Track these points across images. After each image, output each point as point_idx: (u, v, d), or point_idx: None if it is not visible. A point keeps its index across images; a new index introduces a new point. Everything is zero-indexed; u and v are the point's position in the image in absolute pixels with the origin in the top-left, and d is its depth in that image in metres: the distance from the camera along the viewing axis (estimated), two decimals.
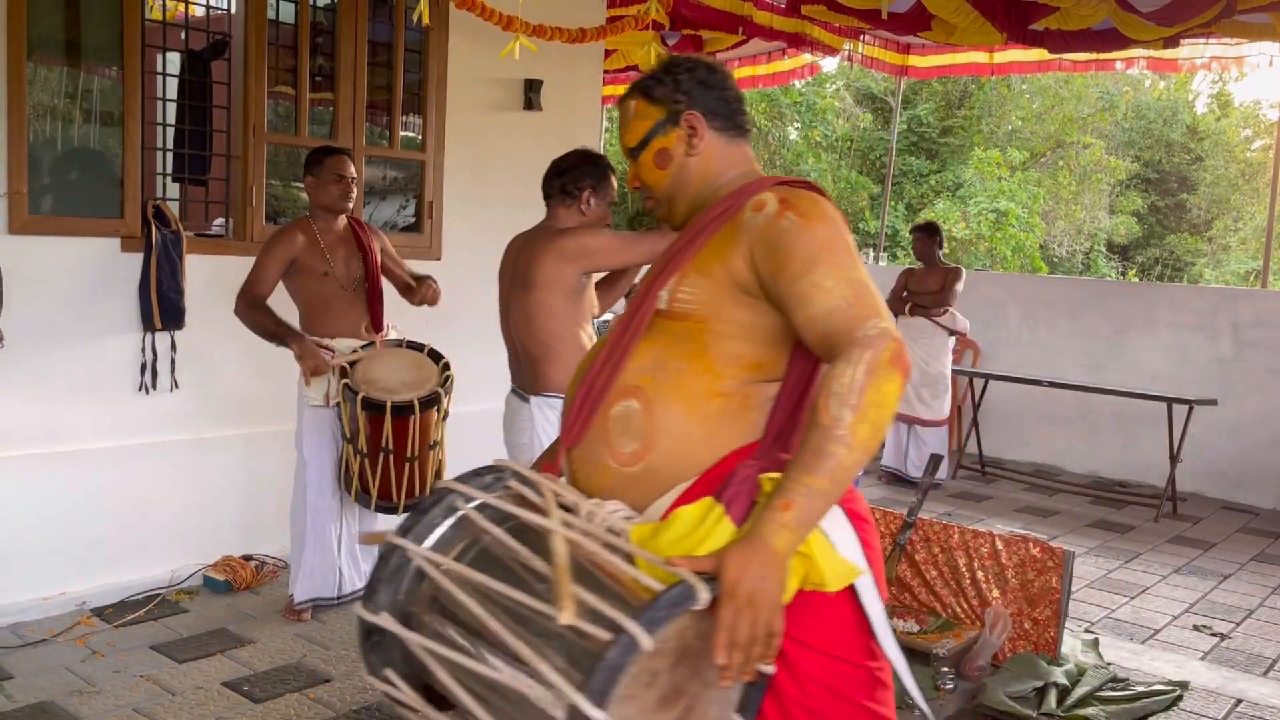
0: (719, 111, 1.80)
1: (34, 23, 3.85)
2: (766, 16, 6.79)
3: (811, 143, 17.88)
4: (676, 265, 1.69)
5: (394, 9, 5.06)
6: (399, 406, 3.84)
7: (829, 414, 1.43)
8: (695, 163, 1.79)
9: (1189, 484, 7.29)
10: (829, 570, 1.51)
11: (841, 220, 1.63)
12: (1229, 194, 20.28)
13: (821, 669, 1.58)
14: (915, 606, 4.19)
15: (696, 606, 1.34)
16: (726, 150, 1.80)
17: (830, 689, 1.59)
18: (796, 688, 1.58)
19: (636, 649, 1.25)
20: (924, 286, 7.03)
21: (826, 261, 1.54)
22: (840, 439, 1.42)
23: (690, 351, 1.64)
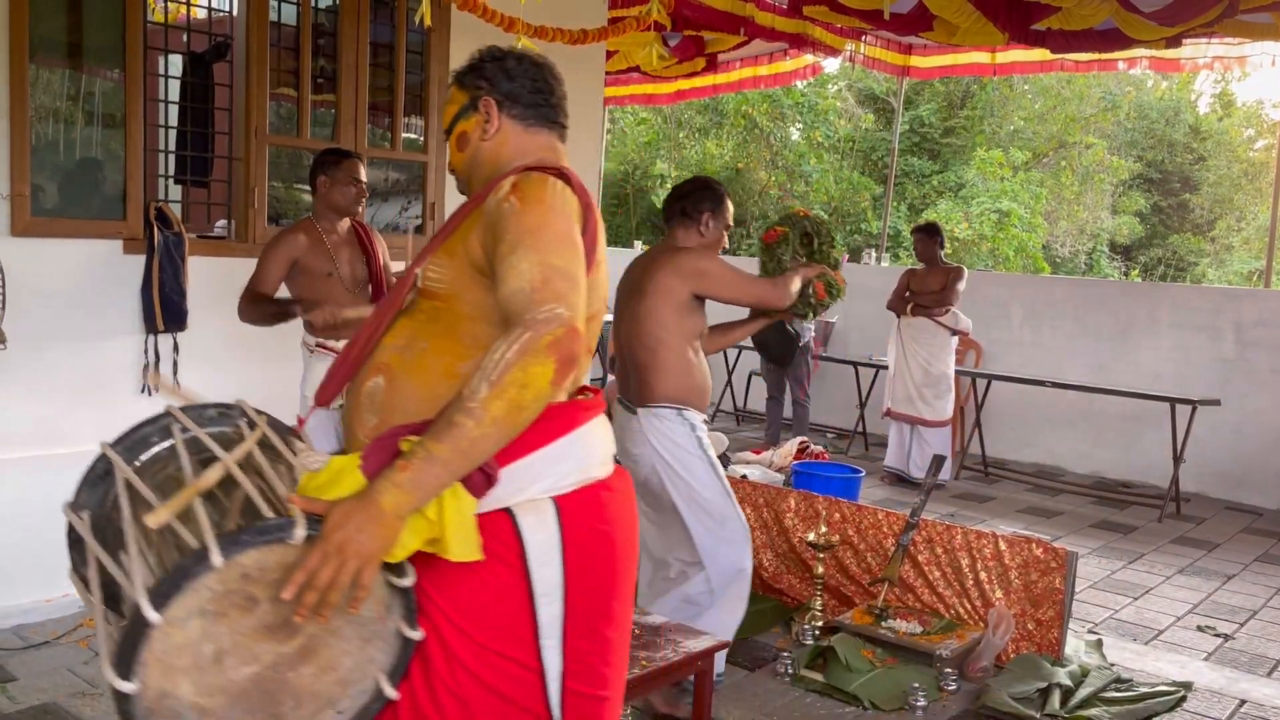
0: (519, 100, 1.84)
1: (36, 25, 3.85)
2: (768, 17, 6.79)
3: (813, 143, 17.88)
4: (434, 245, 1.74)
5: (395, 10, 5.06)
6: None
7: (469, 386, 1.44)
8: (488, 147, 1.84)
9: (1192, 484, 7.28)
10: (453, 540, 1.49)
11: (565, 206, 1.64)
12: (1232, 194, 20.26)
13: (473, 656, 1.57)
14: (918, 607, 4.18)
15: (290, 541, 1.38)
16: (522, 138, 1.84)
17: (478, 678, 1.58)
18: (446, 667, 1.57)
19: (205, 563, 1.32)
20: (926, 286, 7.03)
21: (528, 244, 1.56)
22: (470, 411, 1.42)
23: (437, 331, 1.67)
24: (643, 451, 3.30)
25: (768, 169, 18.11)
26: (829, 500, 4.37)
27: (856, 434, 8.49)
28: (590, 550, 1.66)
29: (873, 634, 3.92)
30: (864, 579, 4.28)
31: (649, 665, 2.65)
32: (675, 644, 2.79)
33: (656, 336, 3.26)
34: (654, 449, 3.27)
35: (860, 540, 4.29)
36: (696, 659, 2.79)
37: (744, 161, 18.01)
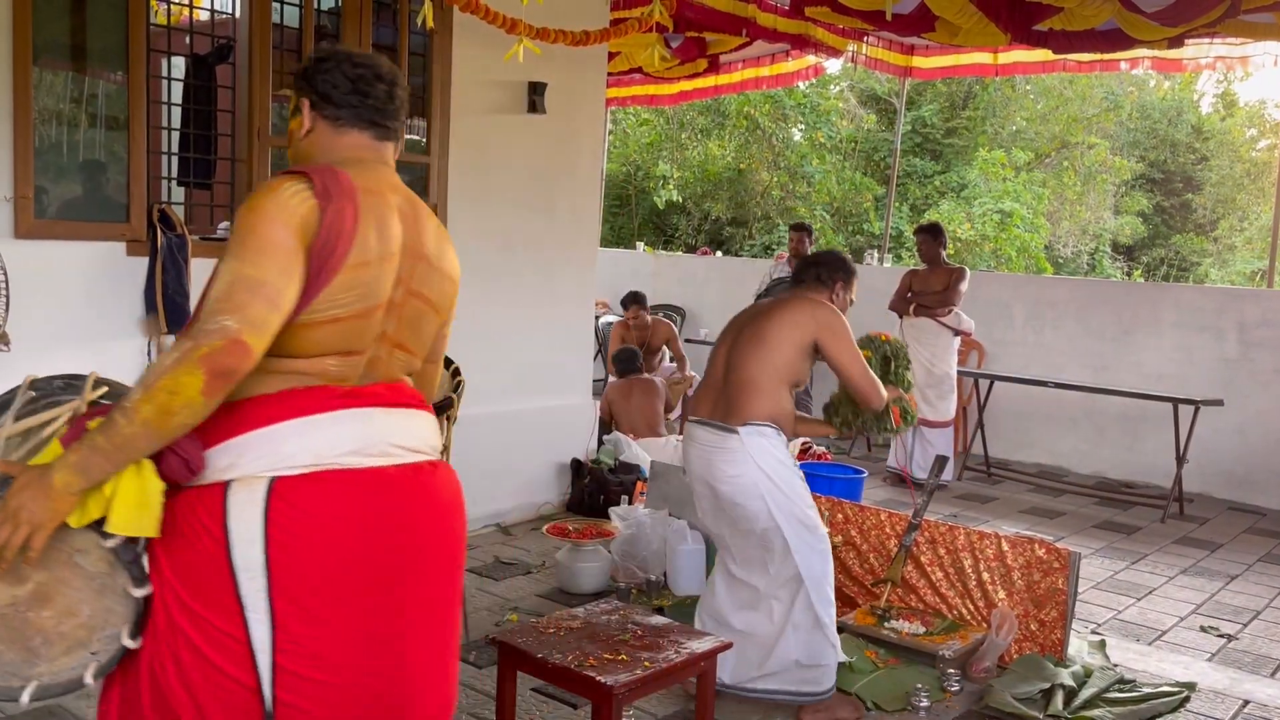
0: (332, 100, 1.89)
1: (39, 28, 3.86)
2: (770, 18, 6.80)
3: (815, 144, 17.88)
4: None
5: (398, 13, 5.07)
6: None
7: (133, 387, 1.61)
8: (303, 145, 1.93)
9: (1195, 485, 7.27)
10: (117, 514, 1.62)
11: (283, 211, 1.69)
12: (1234, 194, 20.25)
13: (188, 620, 1.68)
14: (921, 608, 4.18)
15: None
16: (331, 138, 1.90)
17: (191, 641, 1.68)
18: (167, 627, 1.69)
19: None
20: (928, 287, 7.03)
21: (230, 251, 1.67)
22: (124, 409, 1.57)
23: None
24: (743, 471, 3.32)
25: (770, 170, 18.11)
26: (832, 501, 4.37)
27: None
28: (304, 533, 1.69)
29: (875, 635, 3.92)
30: (867, 580, 4.28)
31: (651, 666, 2.66)
32: (678, 645, 2.79)
33: (774, 364, 3.38)
34: (759, 467, 3.32)
35: (863, 541, 4.29)
36: (699, 660, 2.79)
37: (746, 162, 18.01)
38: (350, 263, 1.73)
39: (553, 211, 5.86)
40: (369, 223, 1.77)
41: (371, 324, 1.80)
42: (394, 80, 1.94)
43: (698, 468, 3.47)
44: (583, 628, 2.87)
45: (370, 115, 1.91)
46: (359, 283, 1.75)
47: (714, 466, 3.39)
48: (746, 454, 3.33)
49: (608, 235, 18.36)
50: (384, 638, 1.79)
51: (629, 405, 6.63)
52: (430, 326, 1.95)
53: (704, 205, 18.68)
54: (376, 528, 1.77)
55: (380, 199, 1.82)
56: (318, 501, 1.71)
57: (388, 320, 1.83)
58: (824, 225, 17.61)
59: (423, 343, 1.95)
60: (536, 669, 2.73)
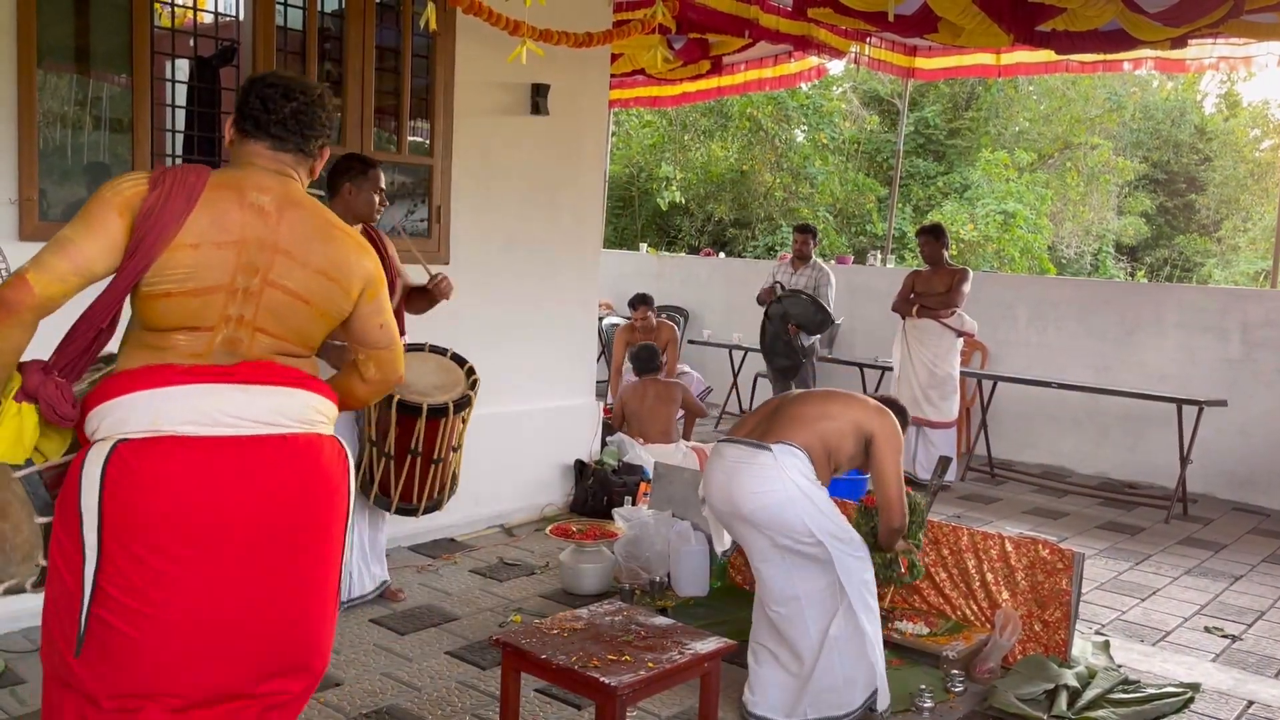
0: (243, 114, 2.20)
1: (44, 30, 3.87)
2: (773, 19, 6.80)
3: (818, 145, 17.88)
4: None
5: (401, 15, 5.08)
6: (435, 409, 3.87)
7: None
8: (230, 154, 2.25)
9: (1199, 485, 7.27)
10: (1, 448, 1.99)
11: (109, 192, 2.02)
12: (1238, 194, 20.24)
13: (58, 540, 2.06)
14: (924, 609, 4.18)
15: None
16: (239, 147, 2.21)
17: (55, 556, 2.07)
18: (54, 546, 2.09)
19: None
20: (931, 288, 7.03)
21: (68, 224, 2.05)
22: None
23: None
24: (774, 487, 3.30)
25: (773, 171, 18.11)
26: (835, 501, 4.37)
27: None
28: (132, 487, 2.00)
29: None
30: None
31: (655, 667, 2.66)
32: (681, 646, 2.80)
33: (827, 429, 3.40)
34: (792, 482, 3.30)
35: None
36: (702, 661, 2.80)
37: (749, 164, 18.01)
38: (177, 242, 2.01)
39: (556, 213, 5.87)
40: (204, 212, 2.04)
41: (211, 303, 2.06)
42: (304, 99, 2.19)
43: (719, 487, 3.41)
44: (586, 629, 2.87)
45: (270, 129, 2.18)
46: (187, 262, 2.02)
47: (736, 482, 3.35)
48: (779, 469, 3.30)
49: (611, 237, 18.36)
50: (203, 585, 2.05)
51: (641, 407, 6.46)
52: (301, 317, 2.15)
53: (707, 206, 18.68)
54: (198, 487, 2.03)
55: (233, 195, 2.09)
56: (148, 462, 2.01)
57: (239, 304, 2.08)
58: (827, 226, 17.60)
59: (295, 330, 2.16)
60: (540, 670, 2.74)
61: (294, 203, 2.16)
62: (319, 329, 2.21)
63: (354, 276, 2.20)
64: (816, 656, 3.34)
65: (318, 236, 2.17)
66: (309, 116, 2.20)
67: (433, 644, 3.95)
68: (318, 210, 2.21)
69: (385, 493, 4.03)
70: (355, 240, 2.24)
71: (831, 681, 3.34)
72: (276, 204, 2.13)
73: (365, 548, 4.22)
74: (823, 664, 3.33)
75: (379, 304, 2.26)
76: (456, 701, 3.47)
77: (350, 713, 3.34)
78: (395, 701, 3.44)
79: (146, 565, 2.01)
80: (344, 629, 4.02)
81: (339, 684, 3.53)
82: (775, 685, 3.39)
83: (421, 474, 3.99)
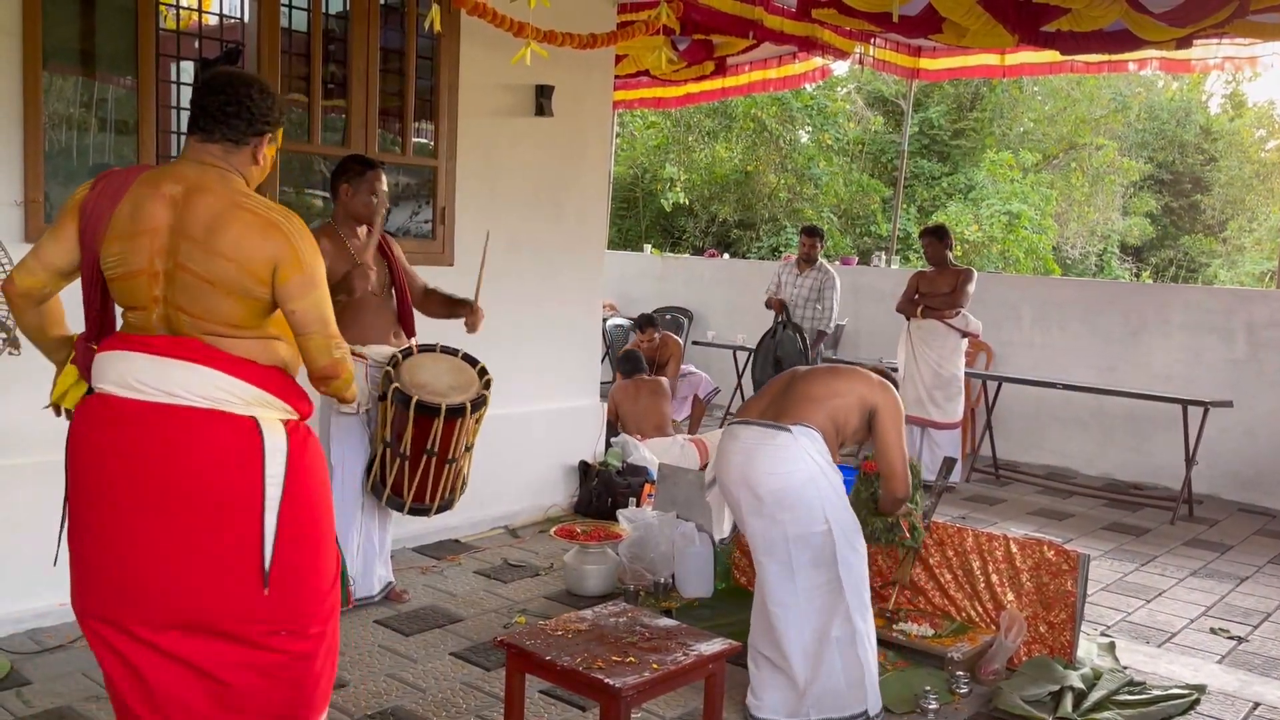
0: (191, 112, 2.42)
1: (49, 32, 3.88)
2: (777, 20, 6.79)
3: (823, 146, 17.87)
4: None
5: (405, 16, 5.08)
6: (452, 409, 3.88)
7: None
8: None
9: (1204, 486, 7.25)
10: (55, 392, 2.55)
11: (67, 202, 2.40)
12: (1243, 194, 20.19)
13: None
14: (929, 610, 4.18)
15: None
16: (186, 141, 2.45)
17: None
18: None
19: None
20: (935, 289, 7.02)
21: None
22: None
23: None
24: (794, 468, 3.30)
25: (777, 172, 18.10)
26: None
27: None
28: (72, 435, 2.39)
29: (884, 637, 3.91)
30: (875, 582, 4.27)
31: (659, 669, 2.66)
32: (686, 647, 2.80)
33: (835, 405, 3.42)
34: (813, 460, 3.31)
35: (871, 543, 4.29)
36: (707, 662, 2.80)
37: (753, 164, 18.00)
38: (110, 235, 2.31)
39: (560, 214, 5.87)
40: (126, 208, 2.31)
41: (139, 285, 2.32)
42: (230, 92, 2.35)
43: (735, 468, 3.39)
44: (591, 630, 2.87)
45: (200, 122, 2.38)
46: (117, 251, 2.32)
47: (755, 463, 3.33)
48: (799, 450, 3.30)
49: (615, 237, 18.35)
50: (106, 531, 2.33)
51: (635, 407, 6.62)
52: (211, 298, 2.30)
53: (711, 207, 18.68)
54: (99, 438, 2.33)
55: (151, 190, 2.31)
56: (80, 414, 2.39)
57: (161, 286, 2.31)
58: (831, 227, 17.59)
59: (210, 310, 2.31)
60: (545, 671, 2.74)
61: (203, 190, 2.30)
62: (235, 309, 2.32)
63: (255, 258, 2.28)
64: (813, 657, 3.33)
65: (220, 220, 2.28)
66: (235, 107, 2.34)
67: (437, 645, 3.95)
68: (226, 195, 2.31)
69: (398, 494, 4.03)
70: (264, 221, 2.30)
71: (834, 684, 3.33)
72: (185, 193, 2.30)
73: (372, 549, 4.23)
74: (825, 666, 3.33)
75: (290, 289, 2.31)
76: (461, 703, 3.47)
77: (355, 714, 3.34)
78: (400, 703, 3.44)
79: (73, 504, 2.38)
80: (349, 630, 4.02)
81: (344, 685, 3.53)
82: (775, 688, 3.39)
83: (436, 474, 4.00)
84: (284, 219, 2.34)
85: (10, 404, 3.86)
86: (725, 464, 3.45)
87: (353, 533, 4.08)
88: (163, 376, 2.29)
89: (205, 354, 2.30)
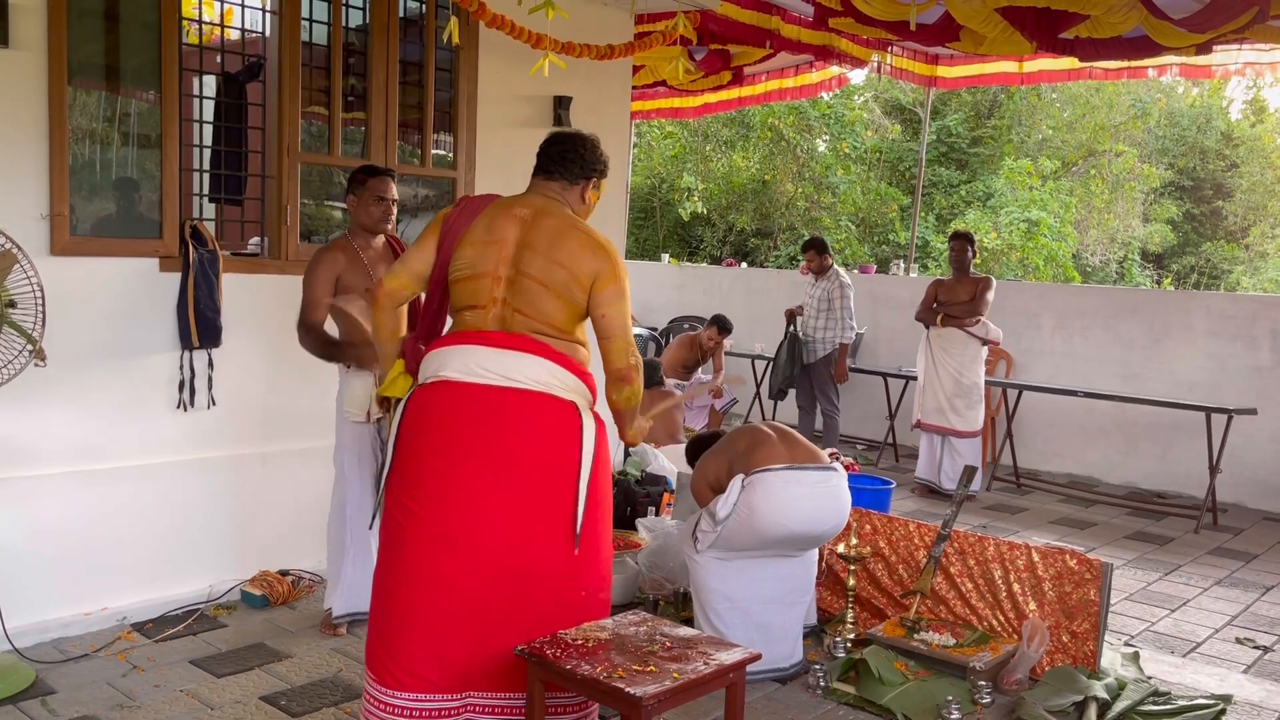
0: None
1: (74, 48, 3.93)
2: (794, 30, 6.81)
3: (840, 155, 17.85)
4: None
5: (424, 29, 5.12)
6: None
7: None
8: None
9: (1229, 495, 7.18)
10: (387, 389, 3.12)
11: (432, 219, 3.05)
12: (1266, 200, 20.01)
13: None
14: (951, 619, 4.15)
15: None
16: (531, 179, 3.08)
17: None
18: None
19: None
20: (954, 297, 6.99)
21: None
22: None
23: None
24: (842, 505, 3.78)
25: (795, 181, 18.09)
26: (860, 512, 4.35)
27: (887, 445, 8.45)
28: (410, 414, 2.87)
29: (905, 646, 3.90)
30: (896, 591, 4.26)
31: (680, 678, 2.66)
32: (707, 657, 2.79)
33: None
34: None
35: (891, 552, 4.27)
36: (728, 671, 2.79)
37: (771, 174, 18.00)
38: (464, 243, 2.90)
39: None
40: (482, 221, 2.91)
41: (481, 286, 2.85)
42: (567, 144, 3.01)
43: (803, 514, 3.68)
44: (611, 639, 2.87)
45: (545, 165, 3.03)
46: (469, 256, 2.88)
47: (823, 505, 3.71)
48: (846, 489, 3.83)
49: (633, 247, 18.39)
50: (439, 485, 2.79)
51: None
52: (544, 300, 2.83)
53: (729, 217, 18.68)
54: (449, 414, 2.81)
55: (504, 210, 2.93)
56: (427, 395, 2.86)
57: (503, 289, 2.84)
58: (849, 236, 17.56)
59: (542, 311, 2.84)
60: (565, 680, 2.74)
61: (547, 214, 2.91)
62: (559, 311, 2.85)
63: (583, 269, 2.84)
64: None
65: (561, 237, 2.85)
66: (571, 155, 2.99)
67: None
68: (565, 219, 2.91)
69: None
70: (594, 242, 2.88)
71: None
72: (534, 215, 2.90)
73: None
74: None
75: (604, 295, 2.86)
76: None
77: None
78: None
79: (412, 473, 2.81)
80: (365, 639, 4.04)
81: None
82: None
83: None
84: (606, 243, 2.91)
85: (36, 416, 3.91)
86: (790, 509, 3.65)
87: (369, 542, 4.08)
88: (502, 364, 2.79)
89: (538, 347, 2.82)
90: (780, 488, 3.62)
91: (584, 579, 2.88)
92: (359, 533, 4.03)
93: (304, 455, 4.59)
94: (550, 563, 2.82)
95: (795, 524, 3.63)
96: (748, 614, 3.78)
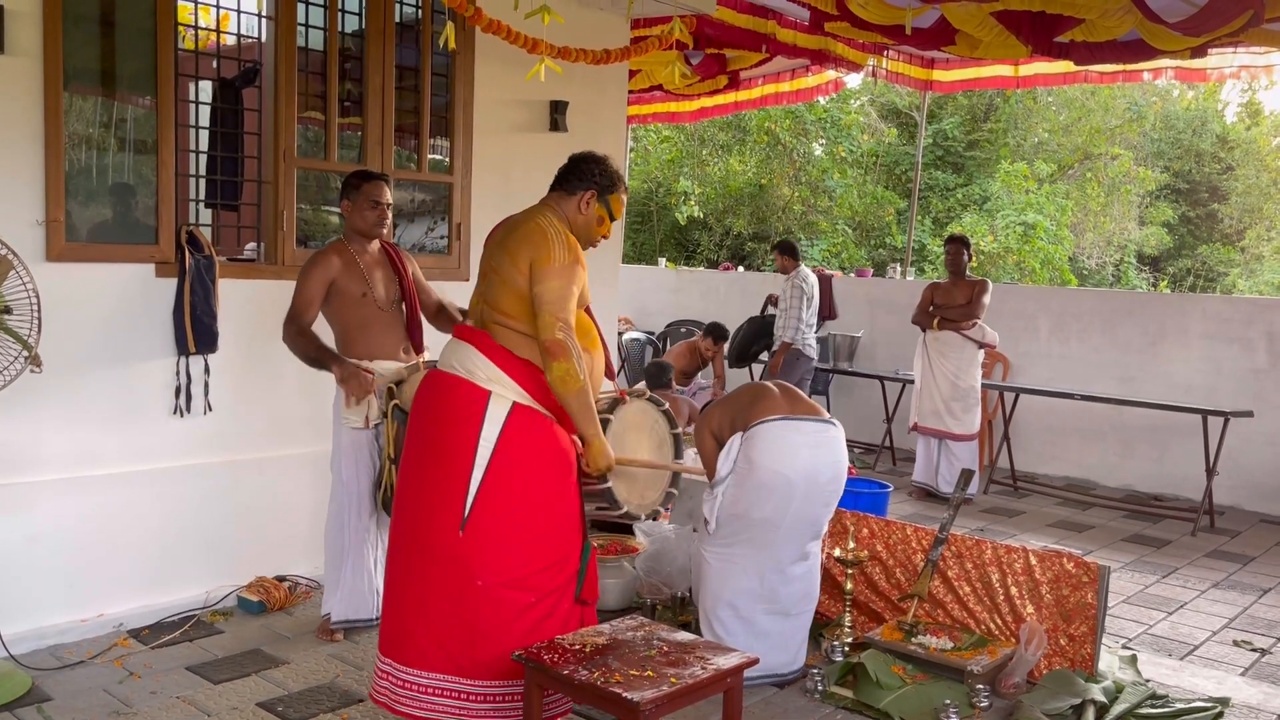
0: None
1: (70, 54, 3.93)
2: (790, 34, 6.82)
3: (837, 159, 17.87)
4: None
5: (420, 34, 5.12)
6: None
7: None
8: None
9: (1226, 497, 7.19)
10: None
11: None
12: (1261, 203, 20.05)
13: None
14: (948, 623, 4.15)
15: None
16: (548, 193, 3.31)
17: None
18: None
19: None
20: (951, 300, 7.00)
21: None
22: None
23: None
24: (840, 459, 3.82)
25: (791, 185, 18.10)
26: (857, 515, 4.36)
27: (884, 449, 8.45)
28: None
29: (903, 650, 3.90)
30: (893, 595, 4.26)
31: (678, 683, 2.65)
32: (704, 661, 2.79)
33: None
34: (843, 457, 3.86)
35: (889, 556, 4.27)
36: (725, 676, 2.79)
37: (767, 178, 18.01)
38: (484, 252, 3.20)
39: None
40: (497, 232, 3.18)
41: (479, 286, 3.16)
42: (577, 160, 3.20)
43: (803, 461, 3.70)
44: (609, 644, 2.87)
45: (555, 179, 3.23)
46: (482, 261, 3.18)
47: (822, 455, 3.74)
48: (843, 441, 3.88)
49: (630, 252, 18.39)
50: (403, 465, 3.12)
51: None
52: (497, 288, 3.04)
53: (725, 221, 18.69)
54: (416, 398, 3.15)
55: (506, 219, 3.19)
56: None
57: (481, 285, 3.13)
58: (846, 239, 17.58)
59: (497, 301, 3.03)
60: (562, 685, 2.74)
61: (527, 215, 3.12)
62: (507, 298, 3.00)
63: (521, 253, 2.99)
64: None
65: (517, 231, 3.05)
66: (570, 170, 3.19)
67: None
68: (533, 216, 3.10)
69: None
70: (538, 230, 3.02)
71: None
72: (519, 218, 3.13)
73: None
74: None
75: (535, 273, 2.96)
76: None
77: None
78: None
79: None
80: (366, 646, 4.04)
81: (361, 700, 3.53)
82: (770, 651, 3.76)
83: None
84: (556, 233, 3.02)
85: (32, 422, 3.90)
86: (791, 457, 3.68)
87: (369, 548, 4.08)
88: (454, 353, 3.05)
89: (477, 338, 3.03)
90: (778, 436, 3.69)
91: (478, 568, 2.92)
92: (356, 538, 4.02)
93: (301, 460, 4.58)
94: (441, 546, 2.95)
95: (793, 472, 3.64)
96: (751, 624, 3.77)
